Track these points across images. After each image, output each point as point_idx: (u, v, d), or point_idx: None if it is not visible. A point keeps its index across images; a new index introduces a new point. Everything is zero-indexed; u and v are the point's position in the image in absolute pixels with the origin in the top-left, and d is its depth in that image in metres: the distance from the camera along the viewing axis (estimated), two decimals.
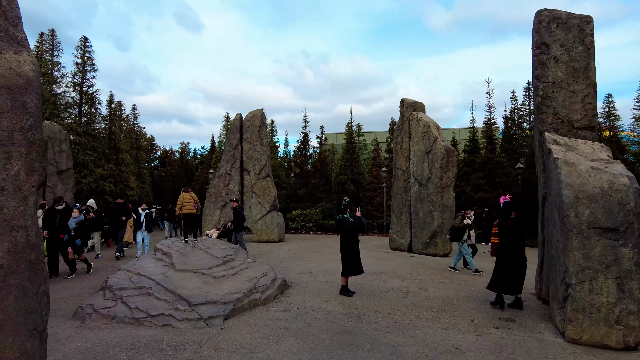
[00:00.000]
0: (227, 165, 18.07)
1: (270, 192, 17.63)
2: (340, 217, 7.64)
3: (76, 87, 24.29)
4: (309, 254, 13.42)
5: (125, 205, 12.35)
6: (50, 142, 14.91)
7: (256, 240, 17.48)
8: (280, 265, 10.61)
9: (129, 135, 33.76)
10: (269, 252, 13.78)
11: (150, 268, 7.89)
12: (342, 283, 7.59)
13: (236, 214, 11.66)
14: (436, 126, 14.04)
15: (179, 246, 9.72)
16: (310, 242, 17.52)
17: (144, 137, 46.93)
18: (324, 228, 23.95)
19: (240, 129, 18.34)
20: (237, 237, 11.60)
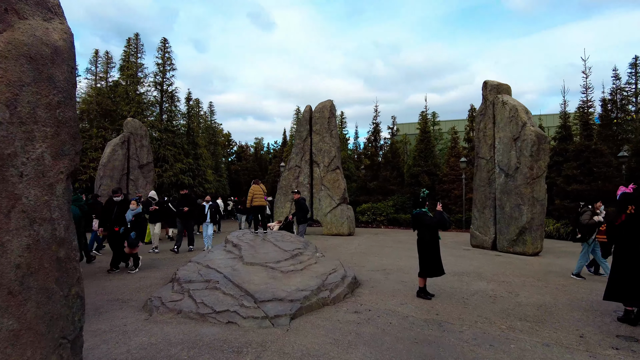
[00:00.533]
0: (297, 158, 17.91)
1: (340, 185, 17.17)
2: (418, 212, 6.90)
3: (157, 87, 25.73)
4: (381, 249, 12.75)
5: (189, 196, 12.31)
6: (132, 138, 15.77)
7: (326, 233, 17.15)
8: (350, 261, 10.10)
9: (207, 131, 35.27)
10: (338, 246, 13.33)
11: (219, 260, 7.79)
12: (419, 284, 6.86)
13: (298, 206, 11.38)
14: (524, 110, 12.55)
15: (249, 238, 9.60)
16: (382, 237, 16.80)
17: (221, 134, 49.11)
18: (395, 222, 23.03)
19: (309, 121, 18.07)
20: (300, 228, 11.31)
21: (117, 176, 15.05)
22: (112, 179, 14.94)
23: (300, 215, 11.33)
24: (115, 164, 15.05)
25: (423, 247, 6.73)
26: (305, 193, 17.62)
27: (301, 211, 11.35)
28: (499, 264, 10.26)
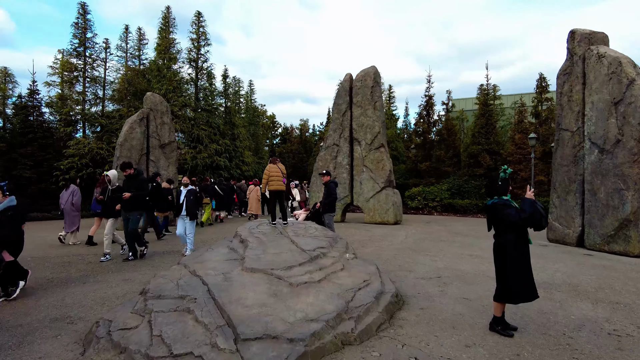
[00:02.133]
0: (335, 135, 15.65)
1: (385, 165, 14.73)
2: (496, 201, 4.46)
3: (191, 63, 24.32)
4: (434, 243, 10.30)
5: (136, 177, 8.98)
6: (152, 114, 14.26)
7: (367, 221, 14.88)
8: (392, 263, 7.81)
9: (248, 112, 33.84)
10: (380, 238, 11.04)
11: (212, 263, 5.84)
12: (495, 312, 4.47)
13: (327, 191, 9.20)
14: (631, 63, 9.41)
15: (263, 231, 7.60)
16: (434, 227, 14.25)
17: (265, 115, 47.87)
18: (450, 209, 20.23)
19: (349, 91, 15.67)
20: (326, 219, 9.15)
21: (135, 156, 13.63)
22: (130, 160, 13.49)
23: (328, 202, 9.16)
24: (133, 143, 13.61)
25: (504, 256, 4.32)
26: (344, 175, 15.39)
27: (329, 197, 9.19)
28: (596, 269, 7.52)
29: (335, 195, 9.29)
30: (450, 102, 34.78)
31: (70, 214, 10.25)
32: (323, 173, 9.69)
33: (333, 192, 9.25)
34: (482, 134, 22.04)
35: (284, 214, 8.43)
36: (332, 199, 9.19)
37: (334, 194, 9.23)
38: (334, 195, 9.23)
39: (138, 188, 8.06)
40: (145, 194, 8.48)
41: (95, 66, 21.00)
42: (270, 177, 8.23)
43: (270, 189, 8.24)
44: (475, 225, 14.82)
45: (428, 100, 23.15)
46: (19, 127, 18.71)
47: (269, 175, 8.24)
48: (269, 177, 8.25)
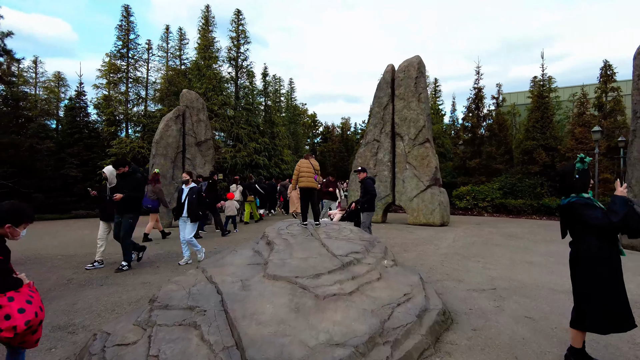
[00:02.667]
0: (375, 130, 14.74)
1: (430, 162, 13.64)
2: (574, 200, 3.45)
3: (231, 62, 24.23)
4: (486, 248, 9.18)
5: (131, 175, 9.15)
6: (188, 112, 14.04)
7: (411, 222, 13.85)
8: (438, 271, 6.87)
9: (288, 110, 33.54)
10: (425, 242, 10.05)
11: (232, 268, 5.22)
12: (572, 341, 3.48)
13: (364, 188, 8.38)
14: None
15: (292, 232, 6.92)
16: (486, 229, 13.00)
17: (305, 114, 47.64)
18: (502, 209, 18.69)
19: (391, 83, 14.71)
20: (363, 218, 8.34)
21: (171, 154, 13.46)
22: (166, 158, 13.39)
23: (366, 200, 8.35)
24: (169, 141, 13.44)
25: (587, 270, 3.34)
26: (385, 173, 14.45)
27: (366, 195, 8.38)
28: None
29: (373, 192, 8.44)
30: (500, 96, 32.85)
31: None
32: (358, 170, 8.86)
33: (371, 188, 8.41)
34: (537, 129, 20.23)
35: (316, 213, 7.71)
36: (369, 197, 8.35)
37: (371, 191, 8.39)
38: (371, 192, 8.38)
39: (132, 188, 7.10)
40: (141, 195, 7.67)
41: (137, 67, 21.37)
42: (300, 173, 7.55)
43: (300, 185, 7.55)
44: (530, 228, 13.40)
45: (477, 93, 21.60)
46: (67, 128, 19.32)
47: (300, 171, 7.56)
48: (299, 173, 7.58)
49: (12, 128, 17.12)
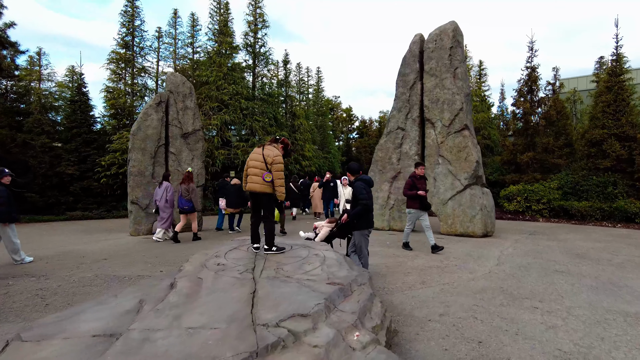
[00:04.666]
0: (400, 116, 11.89)
1: (470, 155, 10.64)
2: None
3: (248, 49, 22.06)
4: (546, 278, 6.17)
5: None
6: (172, 98, 11.86)
7: (445, 232, 10.92)
8: (466, 330, 4.03)
9: (316, 102, 31.06)
10: (457, 263, 7.16)
11: (50, 350, 2.76)
12: None
13: (352, 195, 5.63)
14: None
15: (226, 263, 4.39)
16: (542, 242, 9.83)
17: (339, 107, 45.08)
18: (564, 213, 15.21)
19: (419, 57, 11.79)
20: (356, 239, 5.63)
21: (151, 148, 11.34)
22: (145, 152, 11.28)
23: (356, 214, 5.57)
24: (148, 133, 11.32)
25: None
26: (411, 169, 11.56)
27: (356, 204, 5.63)
28: None
29: (365, 200, 5.53)
30: (557, 82, 28.61)
31: (165, 210, 10.14)
32: (352, 168, 6.01)
33: (362, 195, 5.53)
34: (609, 114, 16.36)
35: (268, 234, 5.02)
36: (360, 208, 5.50)
37: (363, 199, 5.51)
38: (363, 200, 5.51)
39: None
40: None
41: (144, 56, 19.64)
42: (248, 169, 5.00)
43: (248, 188, 4.99)
44: (605, 240, 10.04)
45: (530, 73, 17.94)
46: (65, 122, 17.89)
47: (247, 166, 5.02)
48: (247, 169, 5.04)
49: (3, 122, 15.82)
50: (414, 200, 8.19)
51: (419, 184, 8.22)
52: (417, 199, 8.15)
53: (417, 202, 8.17)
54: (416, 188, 8.15)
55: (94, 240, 10.56)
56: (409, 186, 8.28)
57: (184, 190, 9.88)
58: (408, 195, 8.28)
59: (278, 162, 4.91)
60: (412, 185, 8.22)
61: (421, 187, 8.14)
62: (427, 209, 8.27)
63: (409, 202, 8.38)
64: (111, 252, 8.67)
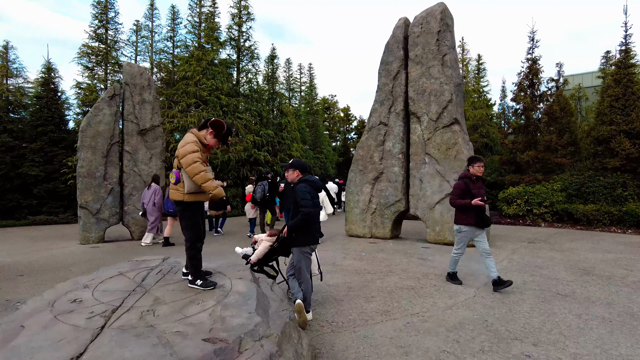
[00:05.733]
0: (382, 109, 10.60)
1: (460, 153, 9.35)
2: None
3: (232, 43, 20.85)
4: (545, 307, 4.83)
5: None
6: (128, 90, 10.64)
7: (432, 240, 9.62)
8: None
9: (308, 100, 29.82)
10: (438, 283, 5.86)
11: None
12: None
13: (296, 197, 4.33)
14: None
15: (94, 298, 3.13)
16: (543, 252, 8.51)
17: (335, 107, 43.98)
18: (567, 217, 13.87)
19: (404, 42, 10.51)
20: (295, 258, 4.33)
21: (102, 146, 10.12)
22: (95, 151, 10.06)
23: (295, 225, 4.23)
24: (100, 129, 10.11)
25: None
26: (395, 169, 10.28)
27: (297, 213, 4.33)
28: None
29: (308, 207, 4.22)
30: (561, 78, 27.23)
31: (152, 214, 9.74)
32: (286, 166, 4.69)
33: (305, 201, 4.24)
34: (617, 109, 14.99)
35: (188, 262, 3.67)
36: (300, 219, 4.20)
37: (306, 205, 4.21)
38: (307, 207, 4.21)
39: None
40: None
41: (117, 49, 18.44)
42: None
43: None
44: (616, 250, 8.70)
45: (531, 66, 16.57)
46: (30, 120, 16.69)
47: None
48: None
49: None
50: (467, 212, 5.65)
51: (475, 188, 5.71)
52: (472, 211, 5.62)
53: (472, 215, 5.62)
54: (470, 195, 5.61)
55: (37, 250, 9.37)
56: (459, 192, 5.71)
57: None
58: (458, 205, 5.74)
59: (185, 154, 3.46)
60: (463, 192, 5.67)
61: (478, 194, 5.62)
62: (486, 225, 5.66)
63: (458, 215, 5.84)
64: (38, 266, 7.46)
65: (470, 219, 5.63)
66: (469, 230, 5.69)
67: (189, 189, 3.51)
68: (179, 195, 3.57)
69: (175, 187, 3.60)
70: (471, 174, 5.82)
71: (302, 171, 4.51)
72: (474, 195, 5.58)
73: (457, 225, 5.83)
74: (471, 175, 5.82)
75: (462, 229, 5.74)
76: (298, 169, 4.58)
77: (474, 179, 5.79)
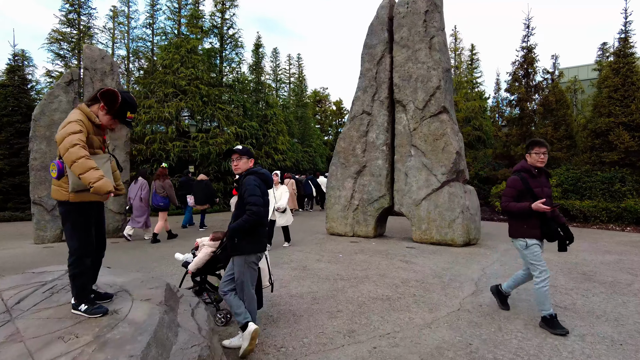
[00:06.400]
0: (365, 97, 9.77)
1: (448, 144, 8.54)
2: None
3: (214, 30, 19.89)
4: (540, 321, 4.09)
5: None
6: (88, 75, 9.70)
7: (418, 239, 8.85)
8: None
9: (296, 92, 28.93)
10: (418, 292, 5.06)
11: None
12: None
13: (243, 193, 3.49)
14: None
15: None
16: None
17: (327, 99, 43.14)
18: (564, 214, 13.08)
19: (388, 24, 9.66)
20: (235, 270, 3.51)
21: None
22: (50, 142, 9.16)
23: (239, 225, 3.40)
24: (55, 118, 9.20)
25: None
26: (378, 162, 9.48)
27: (243, 212, 3.51)
28: None
29: (257, 205, 3.40)
30: (556, 71, 26.53)
31: (140, 209, 9.38)
32: (238, 151, 3.74)
33: (253, 198, 3.36)
34: (616, 100, 14.24)
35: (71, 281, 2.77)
36: (246, 220, 3.34)
37: (254, 203, 3.36)
38: (255, 205, 3.36)
39: None
40: None
41: (91, 35, 17.41)
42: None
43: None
44: (616, 249, 7.94)
45: (527, 55, 15.77)
46: None
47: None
48: None
49: None
50: (527, 220, 3.95)
51: (537, 185, 3.99)
52: (535, 219, 3.92)
53: (535, 224, 3.93)
54: (531, 195, 3.94)
55: None
56: (514, 192, 4.04)
57: (159, 186, 9.37)
58: (513, 211, 4.00)
59: (63, 137, 2.60)
60: (521, 192, 4.01)
61: (541, 194, 3.94)
62: (555, 238, 3.93)
63: (515, 224, 4.08)
64: None
65: (534, 229, 3.92)
66: (533, 246, 3.92)
67: (75, 186, 2.67)
68: (63, 194, 2.73)
69: (58, 183, 2.75)
70: (531, 165, 4.06)
71: (247, 156, 3.67)
72: (535, 195, 3.90)
73: (517, 238, 4.03)
74: (530, 166, 4.05)
75: (524, 243, 3.96)
76: (253, 158, 3.76)
77: (535, 172, 4.02)
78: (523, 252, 4.01)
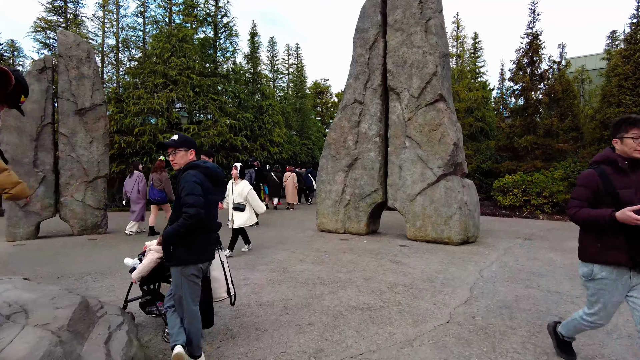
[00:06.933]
0: (357, 85, 9.14)
1: (445, 135, 7.92)
2: None
3: (207, 19, 19.26)
4: (546, 343, 3.51)
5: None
6: (62, 63, 9.14)
7: (412, 237, 8.27)
8: None
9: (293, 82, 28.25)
10: (407, 299, 4.50)
11: None
12: None
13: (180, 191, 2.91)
14: None
15: None
16: (542, 252, 7.13)
17: (328, 91, 42.42)
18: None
19: (382, 6, 9.01)
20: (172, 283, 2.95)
21: (30, 128, 8.71)
22: (22, 134, 8.65)
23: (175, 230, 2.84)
24: (27, 108, 8.66)
25: None
26: (371, 154, 8.88)
27: (179, 209, 2.94)
28: None
29: (196, 205, 2.83)
30: (563, 61, 25.71)
31: (137, 202, 9.36)
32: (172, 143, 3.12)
33: (191, 198, 2.80)
34: (627, 89, 13.54)
35: None
36: (183, 224, 2.77)
37: (192, 204, 2.80)
38: (193, 206, 2.80)
39: None
40: None
41: (78, 23, 16.82)
42: None
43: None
44: None
45: (532, 41, 15.02)
46: None
47: None
48: None
49: None
50: (606, 237, 2.60)
51: (624, 183, 2.57)
52: (619, 235, 2.53)
53: (620, 242, 2.54)
54: (614, 199, 2.56)
55: None
56: (588, 193, 2.69)
57: (156, 179, 9.13)
58: (584, 220, 2.66)
59: None
60: (597, 193, 2.65)
61: (632, 197, 2.50)
62: None
63: (584, 241, 2.78)
64: None
65: (616, 252, 2.57)
66: (613, 276, 2.63)
67: None
68: None
69: None
70: (617, 155, 2.67)
71: (190, 147, 3.08)
72: (620, 200, 2.53)
73: (585, 263, 2.76)
74: (618, 157, 2.66)
75: (598, 274, 2.67)
76: (194, 149, 3.16)
77: (624, 164, 2.62)
78: (584, 283, 2.80)
